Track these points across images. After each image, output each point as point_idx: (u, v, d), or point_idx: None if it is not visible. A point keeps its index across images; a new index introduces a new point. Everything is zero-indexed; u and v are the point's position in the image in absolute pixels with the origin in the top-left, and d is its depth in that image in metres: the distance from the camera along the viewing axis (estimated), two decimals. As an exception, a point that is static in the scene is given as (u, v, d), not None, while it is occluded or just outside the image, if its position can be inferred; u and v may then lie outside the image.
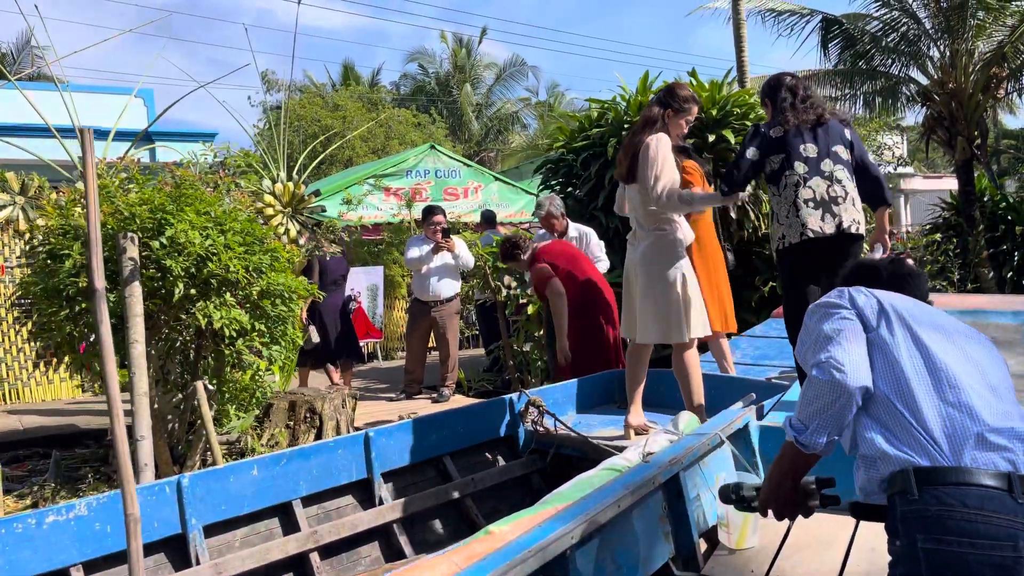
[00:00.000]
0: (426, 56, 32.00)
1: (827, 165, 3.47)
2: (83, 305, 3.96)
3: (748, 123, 6.51)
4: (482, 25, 42.07)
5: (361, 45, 69.72)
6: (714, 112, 6.50)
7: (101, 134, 9.23)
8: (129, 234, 3.70)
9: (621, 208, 4.08)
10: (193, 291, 4.14)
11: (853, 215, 3.46)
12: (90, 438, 5.68)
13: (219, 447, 3.99)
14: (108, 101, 11.90)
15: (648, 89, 7.08)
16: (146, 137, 11.15)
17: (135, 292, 3.65)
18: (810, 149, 3.50)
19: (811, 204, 3.43)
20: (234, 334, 4.26)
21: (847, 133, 3.60)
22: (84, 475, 4.68)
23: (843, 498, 1.76)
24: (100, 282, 1.94)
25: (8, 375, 7.33)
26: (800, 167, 3.47)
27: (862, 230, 3.49)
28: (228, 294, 4.25)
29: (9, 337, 7.39)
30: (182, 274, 4.04)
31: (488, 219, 9.05)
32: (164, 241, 4.01)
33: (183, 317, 4.29)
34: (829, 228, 3.41)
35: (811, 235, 3.42)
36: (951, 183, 19.84)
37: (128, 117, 8.51)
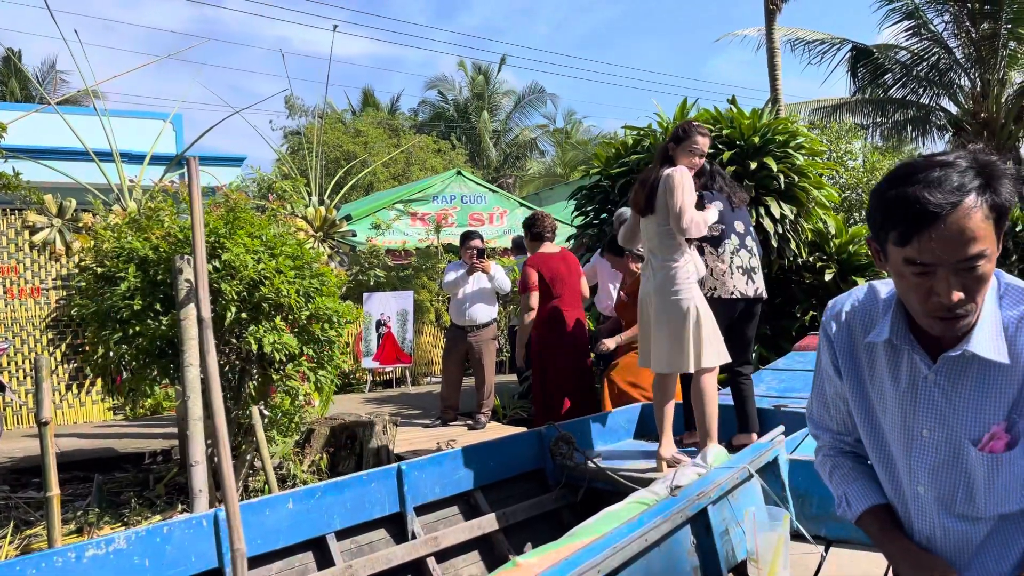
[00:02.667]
0: (445, 83, 32.32)
1: (749, 241, 4.27)
2: (136, 328, 3.93)
3: (790, 151, 6.46)
4: (500, 53, 42.47)
5: (379, 71, 70.57)
6: (756, 140, 6.45)
7: (133, 158, 9.33)
8: (185, 257, 3.69)
9: (627, 240, 4.29)
10: (244, 315, 4.11)
11: (761, 281, 4.28)
12: (128, 462, 5.63)
13: (273, 472, 3.92)
14: (136, 125, 12.02)
15: (686, 117, 7.06)
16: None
17: (190, 315, 3.61)
18: (739, 226, 4.27)
19: (740, 271, 4.18)
20: (283, 358, 4.23)
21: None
22: (127, 500, 4.62)
23: None
24: (206, 311, 1.90)
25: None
26: (735, 239, 4.22)
27: (765, 295, 4.33)
28: (278, 318, 4.22)
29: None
30: (235, 298, 4.02)
31: (519, 245, 9.01)
32: (218, 265, 3.99)
33: (233, 341, 4.25)
34: (750, 292, 4.19)
35: (738, 295, 4.16)
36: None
37: (158, 141, 8.59)
